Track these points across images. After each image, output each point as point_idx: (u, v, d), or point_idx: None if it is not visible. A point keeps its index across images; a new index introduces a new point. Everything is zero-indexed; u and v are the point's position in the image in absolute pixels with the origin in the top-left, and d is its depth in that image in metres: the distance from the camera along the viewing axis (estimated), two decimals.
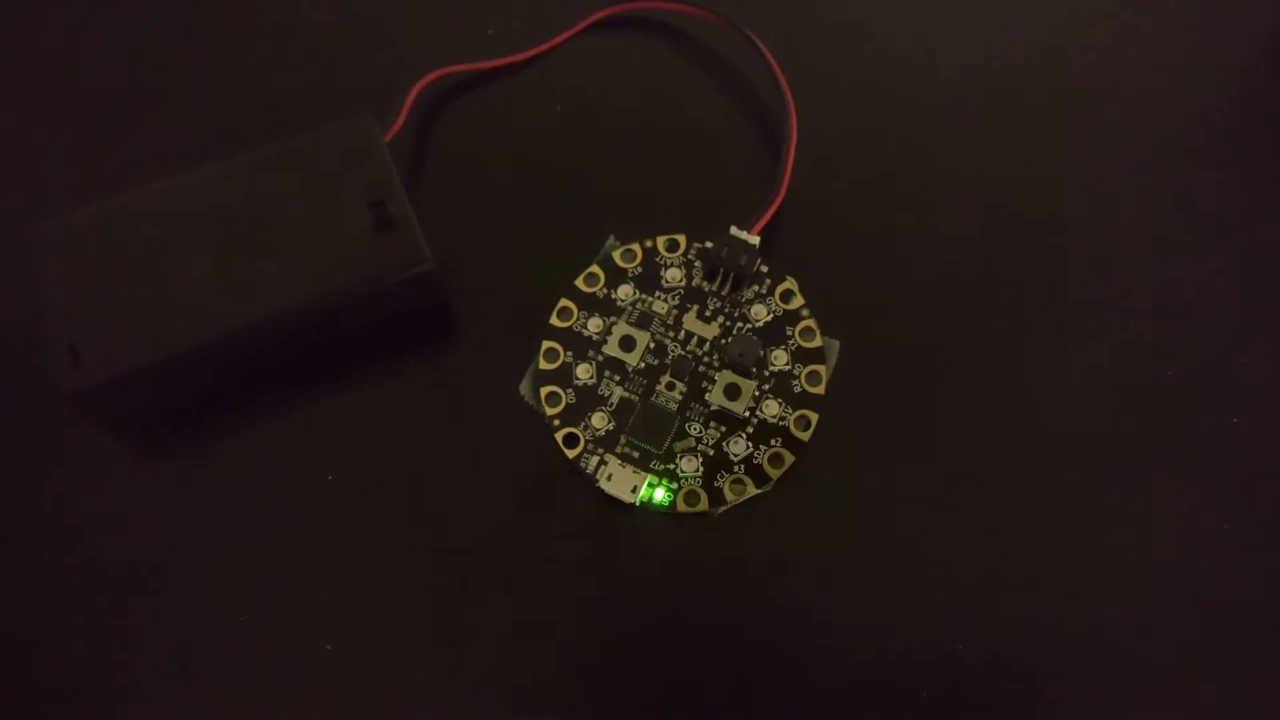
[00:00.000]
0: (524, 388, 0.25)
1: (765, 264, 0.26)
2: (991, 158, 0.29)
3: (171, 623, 0.24)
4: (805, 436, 0.25)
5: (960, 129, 0.29)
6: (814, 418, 0.25)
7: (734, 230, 0.26)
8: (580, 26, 0.30)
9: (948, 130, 0.29)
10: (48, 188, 0.28)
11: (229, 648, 0.23)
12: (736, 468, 0.24)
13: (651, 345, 0.26)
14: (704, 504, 0.24)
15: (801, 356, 0.25)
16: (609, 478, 0.24)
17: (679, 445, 0.25)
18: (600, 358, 0.25)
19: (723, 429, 0.25)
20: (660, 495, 0.24)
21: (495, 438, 0.25)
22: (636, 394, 0.25)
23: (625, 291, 0.26)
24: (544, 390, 0.25)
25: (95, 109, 0.29)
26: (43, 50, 0.30)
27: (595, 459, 0.25)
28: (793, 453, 0.24)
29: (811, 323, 0.26)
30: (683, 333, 0.26)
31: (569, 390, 0.25)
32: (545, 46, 0.30)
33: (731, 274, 0.26)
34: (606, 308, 0.26)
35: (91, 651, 0.23)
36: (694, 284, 0.26)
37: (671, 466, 0.24)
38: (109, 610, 0.24)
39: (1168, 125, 0.29)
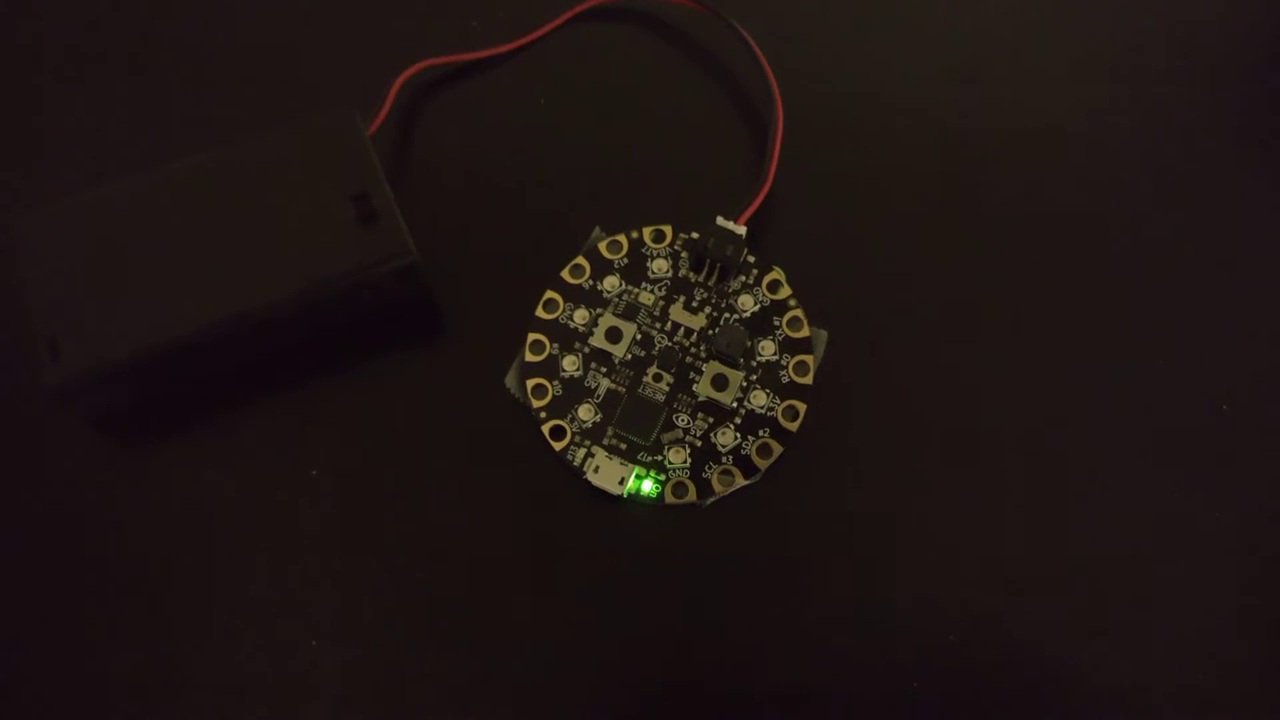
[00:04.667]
0: (510, 380, 0.25)
1: (752, 254, 0.26)
2: (980, 148, 0.28)
3: (152, 620, 0.23)
4: (793, 427, 0.24)
5: (948, 118, 0.29)
6: (802, 408, 0.25)
7: (720, 221, 0.26)
8: (564, 18, 0.30)
9: (934, 119, 0.29)
10: (24, 180, 0.28)
11: (212, 645, 0.23)
12: (724, 459, 0.24)
13: (638, 336, 0.25)
14: (692, 495, 0.24)
15: (789, 347, 0.25)
16: (596, 470, 0.24)
17: (666, 437, 0.24)
18: (586, 349, 0.25)
19: (710, 420, 0.25)
20: (648, 487, 0.24)
21: (481, 430, 0.25)
22: (623, 386, 0.25)
23: (611, 283, 0.26)
24: (530, 382, 0.25)
25: (73, 102, 0.29)
26: (18, 43, 0.30)
27: (582, 451, 0.24)
28: (781, 444, 0.24)
29: (799, 313, 0.26)
30: (669, 324, 0.26)
31: (555, 382, 0.25)
32: (529, 38, 0.30)
33: (718, 264, 0.26)
34: (592, 299, 0.26)
35: (72, 649, 0.23)
36: (680, 275, 0.26)
37: (659, 458, 0.24)
38: (89, 606, 0.23)
39: (1163, 121, 0.29)
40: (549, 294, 0.26)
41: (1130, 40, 0.30)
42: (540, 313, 0.26)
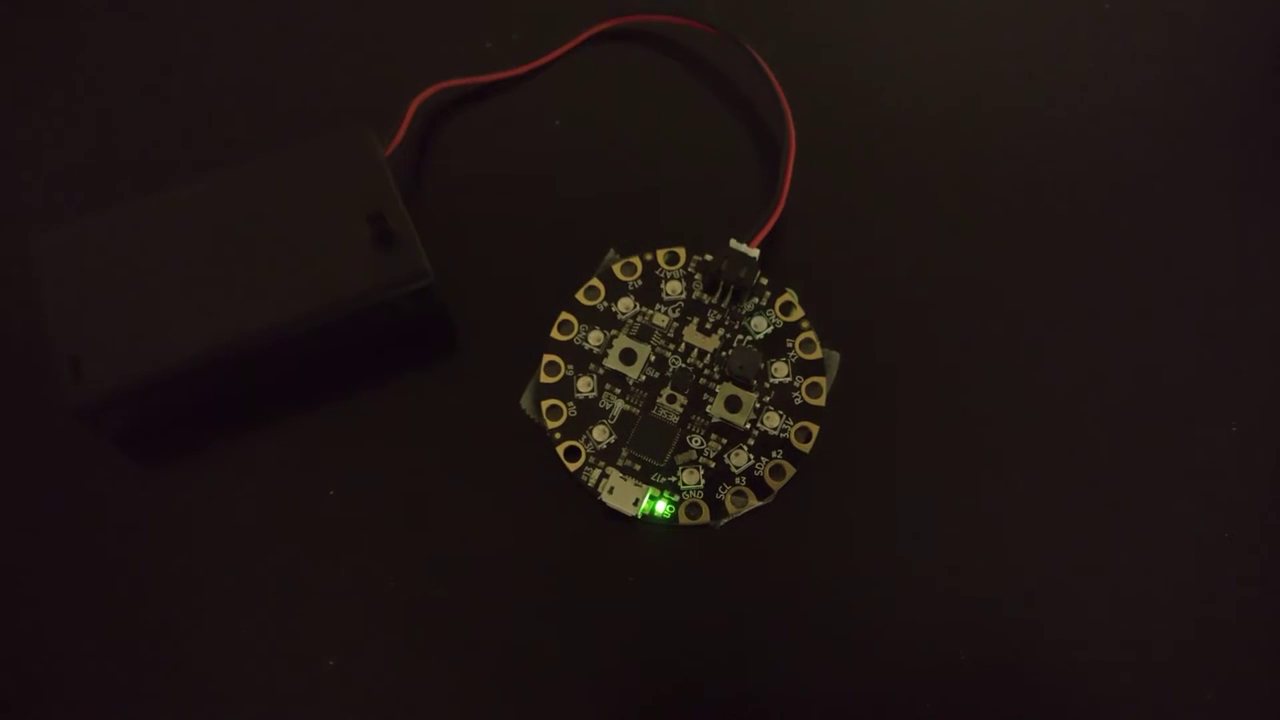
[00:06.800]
0: (525, 401, 0.25)
1: (765, 276, 0.26)
2: (992, 169, 0.29)
3: (171, 635, 0.23)
4: (806, 448, 0.25)
5: (959, 140, 0.29)
6: (815, 429, 0.25)
7: (734, 243, 0.26)
8: (579, 39, 0.30)
9: (946, 142, 0.29)
10: (44, 200, 0.28)
11: (228, 661, 0.23)
12: (738, 480, 0.24)
13: (652, 358, 0.26)
14: (705, 516, 0.24)
15: (802, 368, 0.25)
16: (610, 491, 0.24)
17: (680, 458, 0.25)
18: (601, 371, 0.25)
19: (724, 441, 0.25)
20: (662, 508, 0.24)
21: (496, 451, 0.25)
22: (637, 407, 0.25)
23: (626, 304, 0.26)
24: (545, 404, 0.25)
25: (93, 122, 0.29)
26: (39, 62, 0.30)
27: (596, 472, 0.24)
28: (794, 465, 0.24)
29: (811, 335, 0.26)
30: (683, 345, 0.26)
31: (570, 403, 0.25)
32: (544, 60, 0.30)
33: (731, 286, 0.26)
34: (607, 321, 0.26)
35: (90, 662, 0.23)
36: (694, 296, 0.26)
37: (673, 479, 0.24)
38: (108, 622, 0.24)
39: (1168, 137, 0.29)
40: (564, 315, 0.26)
41: (1142, 44, 0.30)
42: (555, 334, 0.26)
